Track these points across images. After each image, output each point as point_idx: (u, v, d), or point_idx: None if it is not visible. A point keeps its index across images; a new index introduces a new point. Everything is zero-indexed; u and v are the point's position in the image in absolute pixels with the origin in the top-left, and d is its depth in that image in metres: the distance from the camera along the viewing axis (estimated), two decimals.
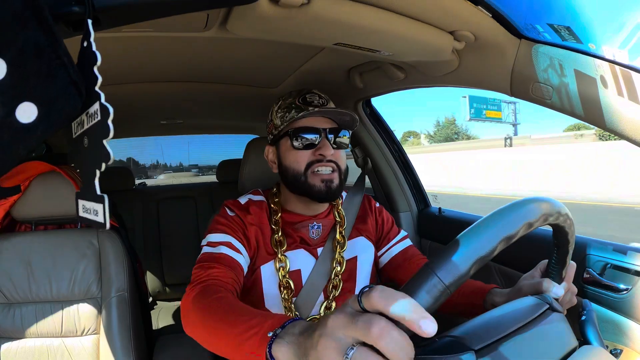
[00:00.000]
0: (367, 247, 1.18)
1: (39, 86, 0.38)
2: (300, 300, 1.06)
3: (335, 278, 1.08)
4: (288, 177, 1.07)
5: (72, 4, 0.42)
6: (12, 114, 0.36)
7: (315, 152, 1.03)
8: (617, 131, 0.80)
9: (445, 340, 0.57)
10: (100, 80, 0.40)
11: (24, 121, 0.37)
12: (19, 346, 1.24)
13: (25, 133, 0.37)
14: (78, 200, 0.47)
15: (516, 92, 0.98)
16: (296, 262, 1.08)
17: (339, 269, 1.09)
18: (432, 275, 0.44)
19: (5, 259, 1.26)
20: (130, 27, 0.79)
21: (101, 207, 0.42)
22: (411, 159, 1.84)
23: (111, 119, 0.38)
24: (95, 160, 0.41)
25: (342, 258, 1.10)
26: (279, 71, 1.46)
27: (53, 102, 0.38)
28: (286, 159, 1.07)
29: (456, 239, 0.46)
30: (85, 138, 0.43)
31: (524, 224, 0.56)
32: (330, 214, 1.16)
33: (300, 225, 1.11)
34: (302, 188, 1.05)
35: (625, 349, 0.90)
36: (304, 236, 1.10)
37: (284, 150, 1.08)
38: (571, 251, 0.69)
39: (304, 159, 1.03)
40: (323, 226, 1.13)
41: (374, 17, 0.83)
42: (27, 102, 0.37)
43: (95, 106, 0.40)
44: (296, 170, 1.04)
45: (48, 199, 1.28)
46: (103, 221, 0.42)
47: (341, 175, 1.06)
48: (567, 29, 0.80)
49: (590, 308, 0.71)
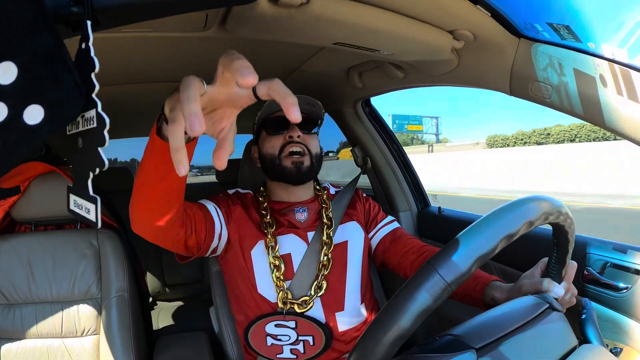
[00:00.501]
0: (357, 231, 1.22)
1: (46, 90, 0.39)
2: (295, 283, 1.09)
3: (324, 257, 1.12)
4: (266, 164, 1.18)
5: (71, 5, 0.42)
6: (20, 116, 0.38)
7: (285, 136, 1.15)
8: (617, 130, 0.80)
9: (446, 338, 0.57)
10: (98, 88, 0.41)
11: (31, 122, 0.38)
12: (19, 347, 1.24)
13: (31, 134, 0.38)
14: (69, 194, 0.48)
15: (515, 91, 0.98)
16: (286, 246, 1.13)
17: (327, 249, 1.13)
18: (434, 273, 0.44)
19: (5, 259, 1.26)
20: (129, 27, 0.79)
21: (94, 207, 0.43)
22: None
23: (107, 129, 0.40)
24: (89, 164, 0.42)
25: (330, 240, 1.15)
26: (278, 70, 1.46)
27: (59, 104, 0.40)
28: (263, 147, 1.19)
29: (457, 237, 0.46)
30: (79, 139, 0.44)
31: (524, 222, 0.56)
32: (316, 201, 1.24)
33: (286, 210, 1.19)
34: (277, 171, 1.16)
35: (625, 348, 0.90)
36: (291, 220, 1.17)
37: (262, 141, 1.21)
38: (571, 250, 0.70)
39: (277, 144, 1.15)
40: (309, 210, 1.20)
41: (373, 17, 0.83)
42: (35, 104, 0.38)
43: (92, 112, 0.41)
44: (271, 154, 1.16)
45: (48, 199, 1.28)
46: (95, 220, 0.43)
47: (312, 159, 1.16)
48: (567, 28, 0.80)
49: (590, 307, 0.71)
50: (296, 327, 1.07)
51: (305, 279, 1.10)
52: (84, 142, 0.43)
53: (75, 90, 0.40)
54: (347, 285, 1.14)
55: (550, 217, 0.61)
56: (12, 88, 0.37)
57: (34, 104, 0.38)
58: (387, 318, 0.45)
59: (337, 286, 1.12)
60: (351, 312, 1.12)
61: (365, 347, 0.46)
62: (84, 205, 0.44)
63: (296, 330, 1.07)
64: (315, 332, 1.06)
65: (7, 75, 0.36)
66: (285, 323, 1.07)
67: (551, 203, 0.62)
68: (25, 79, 0.37)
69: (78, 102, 0.41)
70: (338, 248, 1.16)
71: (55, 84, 0.39)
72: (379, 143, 1.75)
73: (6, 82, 0.36)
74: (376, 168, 1.79)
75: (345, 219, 1.22)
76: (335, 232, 1.17)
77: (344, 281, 1.14)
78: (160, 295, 2.74)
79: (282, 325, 1.07)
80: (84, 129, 0.43)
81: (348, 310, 1.12)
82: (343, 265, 1.15)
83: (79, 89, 0.40)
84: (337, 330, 1.09)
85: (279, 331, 1.07)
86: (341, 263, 1.15)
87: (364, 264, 1.19)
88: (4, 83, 0.36)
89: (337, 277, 1.13)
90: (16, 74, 0.37)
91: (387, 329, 0.45)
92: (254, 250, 1.11)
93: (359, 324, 1.13)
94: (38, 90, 0.38)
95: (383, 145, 1.75)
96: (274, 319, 1.08)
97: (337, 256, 1.15)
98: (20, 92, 0.37)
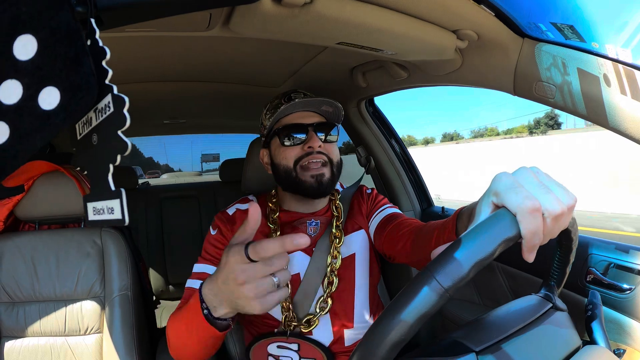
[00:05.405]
0: (365, 242, 1.14)
1: (65, 70, 0.37)
2: (298, 298, 1.04)
3: (332, 274, 1.06)
4: (280, 175, 1.07)
5: (76, 4, 0.42)
6: (35, 98, 0.36)
7: (304, 147, 1.03)
8: (620, 130, 0.79)
9: (446, 341, 0.57)
10: (111, 73, 0.39)
11: (45, 107, 0.36)
12: (23, 345, 1.24)
13: (45, 120, 0.37)
14: (87, 204, 0.46)
15: (519, 91, 0.97)
16: (293, 267, 1.06)
17: (336, 264, 1.06)
18: (431, 279, 0.44)
19: (9, 258, 1.26)
20: (133, 26, 0.79)
21: (118, 202, 0.40)
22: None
23: (127, 108, 0.38)
24: (108, 155, 0.40)
25: (338, 253, 1.07)
26: (282, 70, 1.46)
27: (76, 88, 0.38)
28: (276, 157, 1.08)
29: (456, 241, 0.46)
30: (94, 135, 0.43)
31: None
32: (328, 211, 1.15)
33: (298, 222, 1.11)
34: (293, 185, 1.05)
35: (629, 349, 0.90)
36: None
37: (274, 149, 1.09)
38: (574, 250, 0.69)
39: (293, 155, 1.04)
40: (321, 223, 1.12)
41: (377, 16, 0.83)
42: (51, 86, 0.37)
43: (106, 99, 0.40)
44: (286, 166, 1.05)
45: (51, 198, 1.28)
46: (121, 217, 0.40)
47: (333, 168, 1.06)
48: (570, 28, 0.79)
49: (596, 301, 0.71)
50: (299, 350, 1.03)
51: (310, 294, 1.05)
52: (99, 136, 0.42)
53: (91, 77, 0.39)
54: (356, 300, 1.08)
55: None
56: (31, 64, 0.35)
57: (51, 86, 0.36)
58: (384, 325, 0.45)
59: (346, 303, 1.07)
60: (361, 327, 1.07)
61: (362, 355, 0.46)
62: (105, 208, 0.42)
63: (299, 352, 1.03)
64: (318, 356, 1.02)
65: (27, 50, 0.34)
66: (287, 345, 1.03)
67: None
68: (45, 56, 0.35)
69: (93, 90, 0.39)
70: (346, 262, 1.09)
71: (75, 66, 0.37)
72: (383, 143, 1.75)
73: (25, 58, 0.35)
74: (379, 168, 1.79)
75: (351, 227, 1.14)
76: (343, 244, 1.09)
77: (352, 297, 1.08)
78: (164, 294, 2.75)
79: (284, 347, 1.03)
80: (97, 122, 0.42)
81: (358, 325, 1.07)
82: (351, 280, 1.09)
83: (95, 76, 0.39)
84: (344, 345, 1.05)
85: (281, 352, 1.04)
86: (349, 278, 1.09)
87: (373, 274, 1.13)
88: (23, 58, 0.35)
89: (346, 293, 1.07)
90: (36, 49, 0.35)
91: (384, 335, 0.44)
92: None
93: None
94: (57, 70, 0.36)
95: (386, 145, 1.75)
96: (276, 339, 1.04)
97: (345, 271, 1.08)
98: (38, 70, 0.35)
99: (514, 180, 0.48)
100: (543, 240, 0.46)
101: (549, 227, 0.46)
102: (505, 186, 0.48)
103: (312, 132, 1.03)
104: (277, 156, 1.07)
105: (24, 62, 0.35)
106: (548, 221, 0.46)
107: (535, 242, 0.45)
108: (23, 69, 0.35)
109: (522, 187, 0.47)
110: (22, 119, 0.36)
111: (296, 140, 1.04)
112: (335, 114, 1.07)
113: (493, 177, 0.50)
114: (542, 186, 0.48)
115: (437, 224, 0.86)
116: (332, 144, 1.08)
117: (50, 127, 0.37)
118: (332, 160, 1.06)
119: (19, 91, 0.35)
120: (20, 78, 0.35)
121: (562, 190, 0.48)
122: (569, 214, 0.48)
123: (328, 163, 1.05)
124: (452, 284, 0.43)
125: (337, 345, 1.05)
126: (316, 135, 1.03)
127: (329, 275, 1.06)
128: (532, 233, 0.45)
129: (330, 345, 1.04)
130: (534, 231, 0.45)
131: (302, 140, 1.04)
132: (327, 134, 1.07)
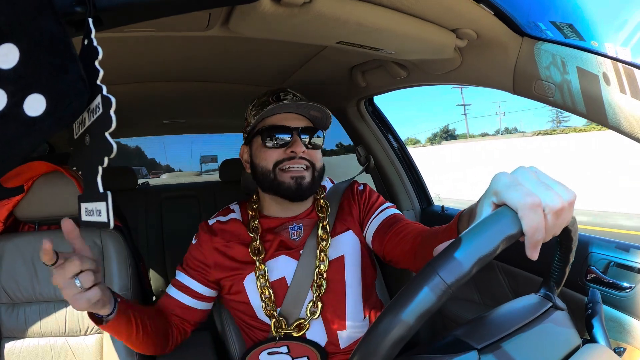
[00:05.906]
0: (354, 243, 1.11)
1: (50, 78, 0.37)
2: (286, 304, 1.04)
3: (320, 277, 1.04)
4: (258, 176, 1.06)
5: (75, 5, 0.42)
6: (20, 105, 0.36)
7: (286, 150, 1.01)
8: (620, 128, 0.79)
9: (448, 339, 0.57)
10: (102, 73, 0.39)
11: (31, 114, 0.36)
12: (23, 345, 1.24)
13: (31, 126, 0.37)
14: (80, 204, 0.46)
15: (519, 90, 0.97)
16: (279, 270, 1.05)
17: (323, 267, 1.04)
18: (434, 275, 0.44)
19: (9, 259, 1.26)
20: (132, 27, 0.79)
21: (104, 205, 0.40)
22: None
23: (113, 109, 0.38)
24: (97, 157, 0.40)
25: (325, 256, 1.05)
26: (281, 69, 1.46)
27: (62, 96, 0.38)
28: (257, 157, 1.06)
29: (458, 238, 0.46)
30: (86, 136, 0.43)
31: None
32: (313, 212, 1.12)
33: (280, 228, 1.09)
34: (271, 186, 1.03)
35: (629, 347, 0.90)
36: (284, 239, 1.07)
37: (255, 148, 1.07)
38: (574, 249, 0.69)
39: (273, 157, 1.02)
40: (304, 226, 1.10)
41: (377, 16, 0.83)
42: (37, 93, 0.37)
43: (97, 100, 0.40)
44: (264, 168, 1.03)
45: (51, 199, 1.28)
46: (107, 220, 0.40)
47: (314, 173, 1.04)
48: (570, 27, 0.79)
49: (596, 300, 0.71)
50: (289, 352, 1.02)
51: (298, 299, 1.03)
52: (91, 137, 0.42)
53: (80, 82, 0.39)
54: (348, 301, 1.06)
55: None
56: (13, 73, 0.35)
57: (36, 93, 0.36)
58: (387, 321, 0.45)
59: (337, 305, 1.05)
60: (355, 328, 1.06)
61: (363, 353, 0.46)
62: (94, 210, 0.42)
63: (290, 354, 1.02)
64: (310, 353, 1.02)
65: (8, 59, 0.34)
66: (277, 350, 1.02)
67: None
68: (28, 65, 0.35)
69: (83, 95, 0.39)
70: (334, 264, 1.07)
71: (60, 73, 0.37)
72: (382, 142, 1.75)
73: (7, 67, 0.35)
74: (379, 167, 1.79)
75: (340, 228, 1.11)
76: (331, 246, 1.07)
77: (343, 299, 1.06)
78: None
79: (275, 353, 1.03)
80: (90, 123, 0.41)
81: (351, 326, 1.05)
82: (341, 282, 1.07)
83: (84, 81, 0.39)
84: (340, 347, 1.04)
85: (273, 358, 1.03)
86: (339, 280, 1.07)
87: (366, 274, 1.11)
88: (5, 67, 0.35)
89: (337, 295, 1.06)
90: (18, 58, 0.35)
91: (387, 332, 0.44)
92: (246, 280, 1.04)
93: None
94: (41, 78, 0.36)
95: (386, 144, 1.75)
96: (266, 347, 1.03)
97: (334, 274, 1.06)
98: (21, 79, 0.35)
99: (514, 179, 0.49)
100: (545, 237, 0.47)
101: (550, 223, 0.47)
102: (505, 185, 0.48)
103: (297, 137, 1.01)
104: (258, 156, 1.05)
105: (7, 71, 0.35)
106: (549, 217, 0.46)
107: (537, 238, 0.46)
108: (6, 77, 0.35)
109: (521, 184, 0.47)
110: (8, 125, 0.36)
111: (279, 142, 1.02)
112: (323, 119, 1.06)
113: (492, 177, 0.51)
114: (542, 183, 0.48)
115: (439, 230, 0.85)
116: (316, 150, 1.06)
117: (38, 133, 0.38)
118: (315, 165, 1.04)
119: (4, 99, 0.35)
120: (4, 87, 0.35)
121: (562, 187, 0.48)
122: (570, 209, 0.48)
123: (310, 168, 1.03)
124: (455, 280, 0.43)
125: (332, 346, 1.04)
126: (300, 140, 1.01)
127: (317, 279, 1.04)
128: (534, 229, 0.45)
129: (325, 346, 1.04)
130: (536, 227, 0.45)
131: (285, 143, 1.02)
132: (311, 137, 1.05)
